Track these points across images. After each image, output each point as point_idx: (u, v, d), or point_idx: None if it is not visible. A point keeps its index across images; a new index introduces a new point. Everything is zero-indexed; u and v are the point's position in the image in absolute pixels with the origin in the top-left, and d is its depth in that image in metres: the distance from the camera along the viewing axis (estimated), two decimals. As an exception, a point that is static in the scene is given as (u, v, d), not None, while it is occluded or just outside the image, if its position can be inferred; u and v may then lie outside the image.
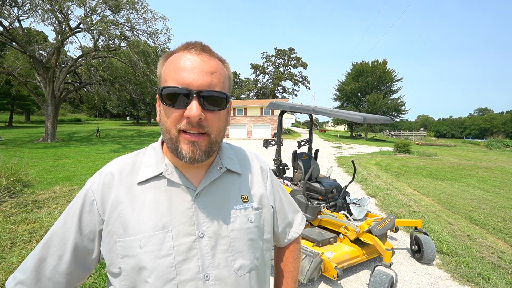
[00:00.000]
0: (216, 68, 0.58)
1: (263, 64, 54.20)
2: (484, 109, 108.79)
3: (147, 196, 0.61)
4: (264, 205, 0.72)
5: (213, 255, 0.60)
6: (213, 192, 0.66)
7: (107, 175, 0.63)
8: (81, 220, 0.61)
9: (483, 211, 4.91)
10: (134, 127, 36.27)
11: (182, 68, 0.55)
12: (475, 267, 2.86)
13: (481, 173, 8.97)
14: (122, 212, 0.59)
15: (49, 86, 15.82)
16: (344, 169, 9.54)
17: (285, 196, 0.85)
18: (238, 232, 0.64)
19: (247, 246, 0.65)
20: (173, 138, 0.57)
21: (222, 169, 0.68)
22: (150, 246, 0.57)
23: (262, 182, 0.75)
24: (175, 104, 0.55)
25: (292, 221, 0.85)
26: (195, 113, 0.53)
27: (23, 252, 2.82)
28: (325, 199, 3.25)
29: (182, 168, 0.65)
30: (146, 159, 0.66)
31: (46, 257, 0.59)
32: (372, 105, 33.11)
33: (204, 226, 0.61)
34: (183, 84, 0.54)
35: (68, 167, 8.25)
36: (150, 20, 16.32)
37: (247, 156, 0.78)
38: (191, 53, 0.57)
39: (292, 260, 0.86)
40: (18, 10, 14.22)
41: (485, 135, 69.02)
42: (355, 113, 2.82)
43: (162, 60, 0.62)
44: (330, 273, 2.35)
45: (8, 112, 34.51)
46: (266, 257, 0.72)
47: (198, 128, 0.56)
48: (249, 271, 0.65)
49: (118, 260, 0.58)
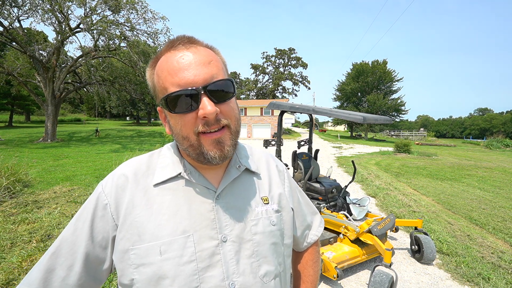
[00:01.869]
0: (210, 56, 0.54)
1: (263, 64, 54.24)
2: (484, 109, 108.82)
3: (165, 198, 0.57)
4: (283, 207, 0.68)
5: (237, 260, 0.57)
6: (234, 192, 0.62)
7: (120, 177, 0.59)
8: (93, 226, 0.56)
9: (483, 211, 4.91)
10: (134, 127, 36.25)
11: (177, 68, 0.50)
12: (475, 267, 2.86)
13: (481, 173, 8.96)
14: (138, 217, 0.55)
15: (49, 86, 15.82)
16: (344, 169, 9.54)
17: (303, 197, 0.80)
18: (262, 235, 0.61)
19: (271, 251, 0.61)
20: (194, 143, 0.53)
21: (241, 167, 0.65)
22: (172, 252, 0.53)
23: (280, 183, 0.71)
24: (185, 108, 0.51)
25: (311, 223, 0.80)
26: (211, 110, 0.49)
27: (23, 252, 2.82)
28: (325, 199, 3.25)
29: (200, 168, 0.61)
30: (162, 160, 0.63)
31: (55, 268, 0.54)
32: (372, 105, 33.11)
33: (227, 229, 0.57)
34: (186, 84, 0.50)
35: (68, 167, 8.25)
36: (150, 20, 16.32)
37: (262, 155, 0.75)
38: (179, 50, 0.52)
39: (311, 263, 0.81)
40: (18, 10, 14.21)
41: (485, 135, 69.08)
42: (355, 113, 2.82)
43: (149, 70, 0.57)
44: (330, 273, 2.35)
45: (8, 112, 34.50)
46: (287, 263, 0.68)
47: (218, 124, 0.52)
48: (274, 277, 0.61)
49: (131, 270, 0.53)
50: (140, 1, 15.68)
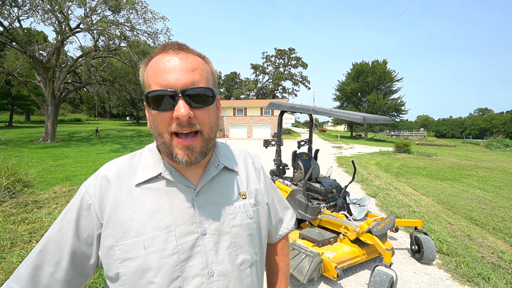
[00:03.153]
0: (196, 64, 0.57)
1: (263, 64, 54.27)
2: (484, 109, 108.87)
3: (147, 197, 0.61)
4: (259, 202, 0.74)
5: (216, 251, 0.61)
6: (213, 189, 0.66)
7: (103, 178, 0.62)
8: (79, 224, 0.59)
9: (483, 211, 4.91)
10: (134, 127, 36.26)
11: (162, 70, 0.54)
12: (475, 267, 2.86)
13: (481, 173, 8.96)
14: (121, 215, 0.58)
15: (49, 86, 15.82)
16: (344, 169, 9.54)
17: (276, 193, 0.87)
18: (239, 228, 0.66)
19: (247, 242, 0.66)
20: (167, 142, 0.57)
21: (220, 166, 0.69)
22: (155, 247, 0.57)
23: (256, 180, 0.77)
24: (162, 107, 0.55)
25: (283, 217, 0.88)
26: (183, 113, 0.53)
27: (23, 252, 2.82)
28: (325, 199, 3.25)
29: (180, 168, 0.65)
30: (143, 161, 0.66)
31: (43, 265, 0.57)
32: (372, 105, 33.11)
33: (206, 223, 0.62)
34: (167, 86, 0.54)
35: (68, 167, 8.25)
36: (150, 20, 16.34)
37: (241, 154, 0.80)
38: (169, 54, 0.56)
39: (283, 257, 0.89)
40: (18, 10, 14.24)
41: (485, 135, 69.14)
42: (355, 113, 2.81)
43: (143, 66, 0.61)
44: (330, 273, 2.35)
45: (8, 112, 34.52)
46: (262, 253, 0.74)
47: (190, 127, 0.56)
48: (250, 265, 0.67)
49: (116, 264, 0.57)
50: (140, 1, 15.69)
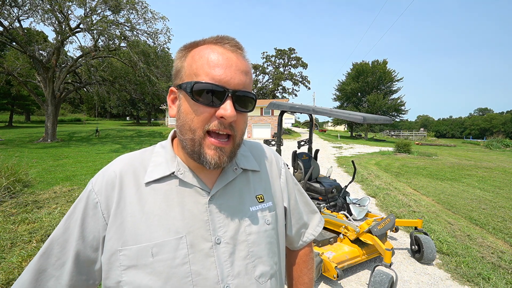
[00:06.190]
0: (249, 68, 0.55)
1: (263, 64, 54.26)
2: (484, 109, 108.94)
3: (157, 197, 0.55)
4: (277, 204, 0.68)
5: (232, 262, 0.56)
6: (228, 194, 0.60)
7: (111, 174, 0.57)
8: (84, 225, 0.54)
9: (483, 211, 4.91)
10: (134, 127, 36.25)
11: (216, 63, 0.51)
12: (475, 267, 2.86)
13: (481, 173, 8.96)
14: (128, 216, 0.54)
15: (49, 86, 15.82)
16: (344, 169, 9.54)
17: (301, 195, 0.78)
18: (256, 235, 0.60)
19: (266, 251, 0.60)
20: (197, 140, 0.52)
21: (238, 170, 0.63)
22: (164, 254, 0.51)
23: (277, 180, 0.71)
24: (207, 101, 0.50)
25: (308, 222, 0.78)
26: (231, 114, 0.50)
27: (23, 252, 2.82)
28: (325, 199, 3.25)
29: (195, 168, 0.60)
30: (155, 158, 0.60)
31: (46, 268, 0.53)
32: (372, 105, 33.10)
33: (221, 231, 0.56)
34: (219, 81, 0.50)
35: (68, 167, 8.25)
36: (150, 20, 16.34)
37: (263, 152, 0.73)
38: (226, 49, 0.53)
39: (306, 270, 0.79)
40: (18, 10, 14.23)
41: (485, 135, 69.12)
42: (355, 113, 2.81)
43: (182, 51, 0.56)
44: (330, 273, 2.35)
45: (8, 112, 34.54)
46: (282, 262, 0.68)
47: (229, 130, 0.53)
48: (270, 277, 0.60)
49: (118, 272, 0.51)
50: (140, 1, 15.69)
